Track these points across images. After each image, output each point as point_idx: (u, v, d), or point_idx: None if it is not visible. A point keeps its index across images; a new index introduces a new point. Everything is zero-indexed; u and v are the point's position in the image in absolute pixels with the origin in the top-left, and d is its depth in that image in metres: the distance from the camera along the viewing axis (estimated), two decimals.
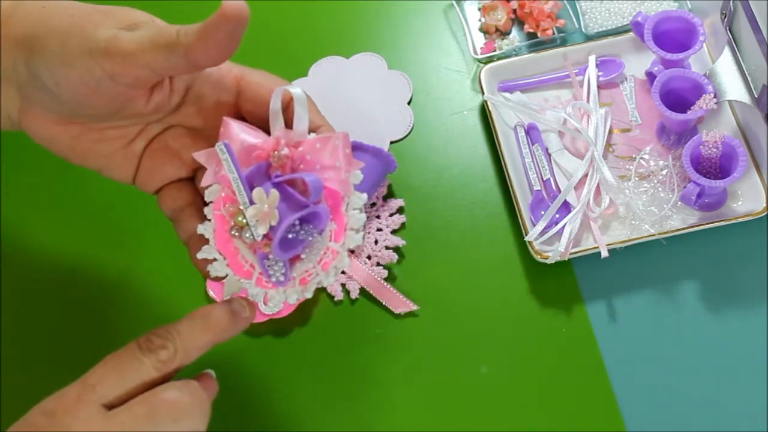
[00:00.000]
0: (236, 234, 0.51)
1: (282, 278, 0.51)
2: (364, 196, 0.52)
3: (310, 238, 0.50)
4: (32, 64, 0.54)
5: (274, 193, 0.49)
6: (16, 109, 0.58)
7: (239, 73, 0.58)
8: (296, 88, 0.52)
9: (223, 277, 0.53)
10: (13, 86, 0.57)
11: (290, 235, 0.50)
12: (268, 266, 0.51)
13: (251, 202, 0.50)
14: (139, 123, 0.58)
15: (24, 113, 0.58)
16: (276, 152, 0.51)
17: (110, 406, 0.49)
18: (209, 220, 0.53)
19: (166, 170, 0.59)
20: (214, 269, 0.52)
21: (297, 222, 0.50)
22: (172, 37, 0.52)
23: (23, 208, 0.73)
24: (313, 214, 0.50)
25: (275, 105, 0.53)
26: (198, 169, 0.60)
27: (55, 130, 0.58)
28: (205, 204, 0.54)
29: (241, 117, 0.58)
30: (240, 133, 0.52)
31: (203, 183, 0.53)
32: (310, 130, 0.54)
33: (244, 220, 0.51)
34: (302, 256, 0.51)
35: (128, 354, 0.51)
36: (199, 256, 0.53)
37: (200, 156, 0.53)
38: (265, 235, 0.50)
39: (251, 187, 0.50)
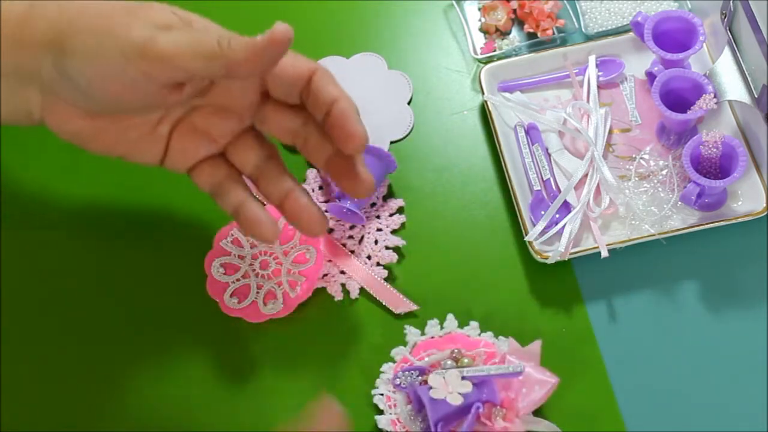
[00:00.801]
0: (452, 355, 0.64)
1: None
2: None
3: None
4: (63, 65, 0.55)
5: (459, 398, 0.61)
6: (39, 108, 0.59)
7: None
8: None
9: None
10: (36, 87, 0.58)
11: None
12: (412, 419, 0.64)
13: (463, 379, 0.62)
14: (167, 110, 0.59)
15: (48, 111, 0.59)
16: (502, 411, 0.61)
17: None
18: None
19: (198, 149, 0.60)
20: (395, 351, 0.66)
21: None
22: (213, 48, 0.53)
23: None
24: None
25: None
26: (229, 144, 0.61)
27: (80, 124, 0.59)
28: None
29: (266, 91, 0.59)
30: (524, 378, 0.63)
31: (509, 358, 0.63)
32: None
33: (457, 365, 0.64)
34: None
35: None
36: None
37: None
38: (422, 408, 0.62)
39: (479, 385, 0.62)
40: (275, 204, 0.60)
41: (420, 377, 0.63)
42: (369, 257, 0.70)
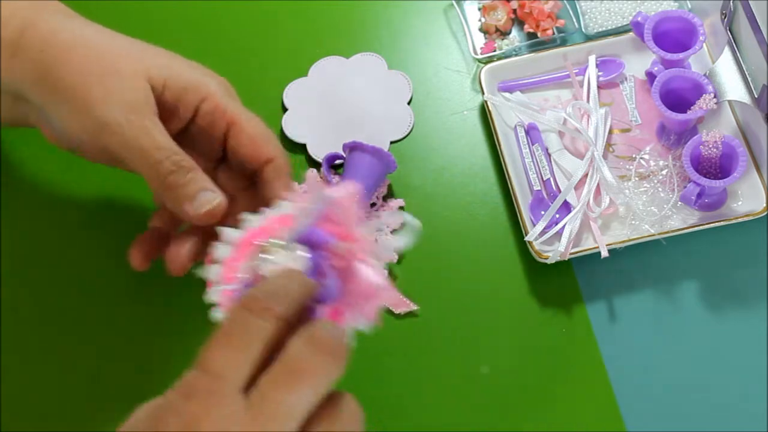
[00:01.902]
0: (258, 250, 0.51)
1: None
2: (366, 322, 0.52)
3: None
4: (45, 111, 0.57)
5: (307, 262, 0.49)
6: (35, 120, 0.60)
7: (231, 120, 0.58)
8: (415, 220, 0.53)
9: (215, 267, 0.52)
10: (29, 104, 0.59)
11: None
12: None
13: (289, 248, 0.50)
14: None
15: (42, 125, 0.61)
16: (346, 243, 0.50)
17: (246, 389, 0.42)
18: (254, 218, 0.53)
19: None
20: (215, 251, 0.52)
21: None
22: (151, 173, 0.55)
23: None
24: (308, 309, 0.49)
25: (403, 227, 0.52)
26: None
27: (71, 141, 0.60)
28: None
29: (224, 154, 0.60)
30: (346, 207, 0.52)
31: (286, 195, 0.53)
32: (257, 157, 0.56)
33: (273, 248, 0.51)
34: None
35: (242, 323, 0.43)
36: (215, 216, 0.55)
37: (309, 177, 0.54)
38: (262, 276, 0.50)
39: (303, 241, 0.50)
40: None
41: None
42: None
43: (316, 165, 0.73)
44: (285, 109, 0.76)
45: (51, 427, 0.66)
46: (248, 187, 0.61)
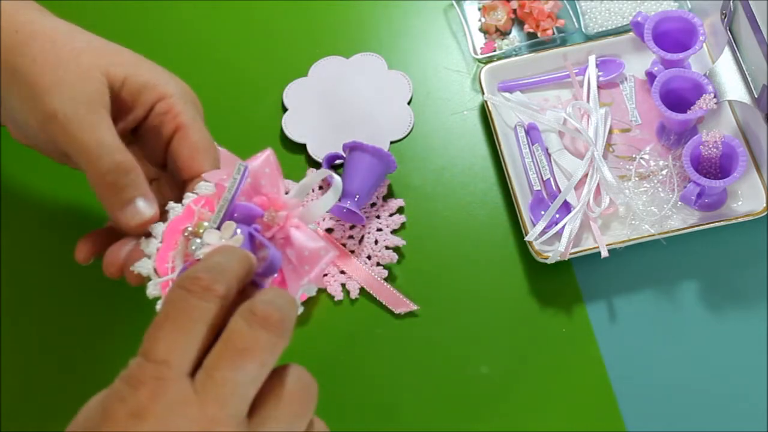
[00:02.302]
0: (187, 235, 0.50)
1: None
2: (300, 308, 0.50)
3: None
4: (7, 100, 0.57)
5: (240, 237, 0.48)
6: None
7: (180, 124, 0.58)
8: (337, 177, 0.51)
9: (146, 261, 0.52)
10: None
11: None
12: None
13: (218, 228, 0.49)
14: None
15: (6, 122, 0.61)
16: (275, 211, 0.50)
17: (193, 373, 0.41)
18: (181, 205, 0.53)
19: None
20: (145, 245, 0.52)
21: None
22: (92, 165, 0.54)
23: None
24: (252, 283, 0.47)
25: (306, 184, 0.51)
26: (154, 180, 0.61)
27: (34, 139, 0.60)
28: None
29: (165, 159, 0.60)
30: (264, 170, 0.51)
31: (207, 175, 0.53)
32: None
33: (202, 231, 0.50)
34: None
35: (182, 306, 0.41)
36: (142, 245, 0.53)
37: (224, 153, 0.53)
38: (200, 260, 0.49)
39: (230, 217, 0.49)
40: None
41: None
42: (369, 257, 0.70)
43: (316, 165, 0.73)
44: (285, 109, 0.76)
45: (51, 427, 0.66)
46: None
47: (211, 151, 0.58)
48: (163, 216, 0.54)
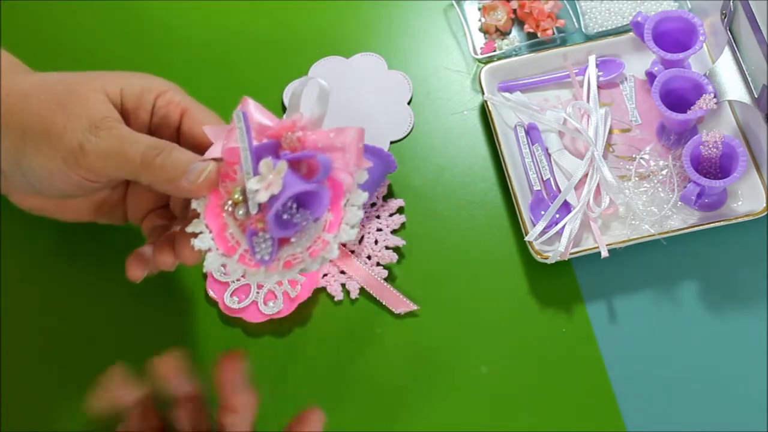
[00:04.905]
0: (229, 209, 0.52)
1: (267, 257, 0.50)
2: (365, 194, 0.52)
3: (304, 223, 0.50)
4: (17, 161, 0.57)
5: (283, 163, 0.49)
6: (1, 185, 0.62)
7: (184, 108, 0.60)
8: (321, 81, 0.52)
9: (206, 251, 0.53)
10: None
11: (285, 216, 0.50)
12: (256, 243, 0.50)
13: (256, 174, 0.50)
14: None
15: (8, 189, 0.62)
16: (289, 133, 0.51)
17: None
18: (198, 214, 0.54)
19: (145, 200, 0.63)
20: (199, 241, 0.52)
21: (294, 204, 0.50)
22: (135, 164, 0.55)
23: None
24: (315, 195, 0.50)
25: (294, 96, 0.53)
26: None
27: (41, 201, 0.62)
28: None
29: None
30: (255, 112, 0.53)
31: (206, 155, 0.54)
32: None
33: (240, 198, 0.51)
34: (292, 239, 0.51)
35: None
36: (188, 229, 0.54)
37: (209, 130, 0.55)
38: (259, 211, 0.50)
39: (258, 161, 0.50)
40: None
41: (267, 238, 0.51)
42: (369, 257, 0.70)
43: None
44: (285, 109, 0.76)
45: (51, 427, 0.66)
46: None
47: (220, 122, 0.61)
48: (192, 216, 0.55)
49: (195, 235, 0.53)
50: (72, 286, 0.70)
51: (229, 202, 0.52)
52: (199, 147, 0.58)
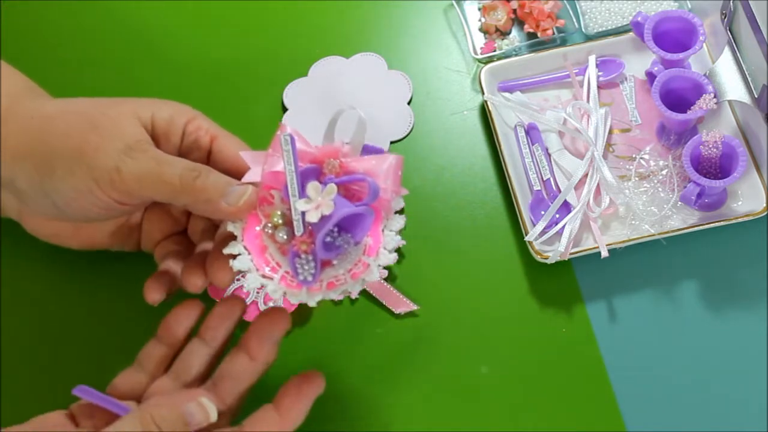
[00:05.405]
0: (269, 231, 0.53)
1: (310, 278, 0.52)
2: (403, 220, 0.55)
3: (346, 246, 0.53)
4: (42, 185, 0.57)
5: (333, 186, 0.51)
6: (15, 212, 0.63)
7: (214, 135, 0.61)
8: (361, 112, 0.55)
9: (245, 272, 0.54)
10: (10, 192, 0.60)
11: (328, 239, 0.52)
12: (299, 265, 0.52)
13: (302, 197, 0.51)
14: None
15: (24, 216, 0.63)
16: (332, 159, 0.53)
17: None
18: (235, 237, 0.55)
19: (162, 226, 0.63)
20: (239, 262, 0.53)
21: (336, 229, 0.52)
22: (174, 186, 0.55)
23: None
24: (356, 219, 0.52)
25: (330, 124, 0.55)
26: (187, 221, 0.64)
27: (57, 226, 0.63)
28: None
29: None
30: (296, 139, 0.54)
31: (244, 179, 0.55)
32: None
33: (280, 221, 0.53)
34: (334, 262, 0.53)
35: None
36: (225, 251, 0.54)
37: (247, 155, 0.55)
38: (304, 233, 0.52)
39: (303, 183, 0.52)
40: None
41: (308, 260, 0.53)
42: None
43: None
44: (285, 109, 0.76)
45: None
46: None
47: (248, 148, 0.61)
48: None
49: (233, 256, 0.54)
50: (72, 286, 0.70)
51: (269, 225, 0.53)
52: (229, 172, 0.59)
